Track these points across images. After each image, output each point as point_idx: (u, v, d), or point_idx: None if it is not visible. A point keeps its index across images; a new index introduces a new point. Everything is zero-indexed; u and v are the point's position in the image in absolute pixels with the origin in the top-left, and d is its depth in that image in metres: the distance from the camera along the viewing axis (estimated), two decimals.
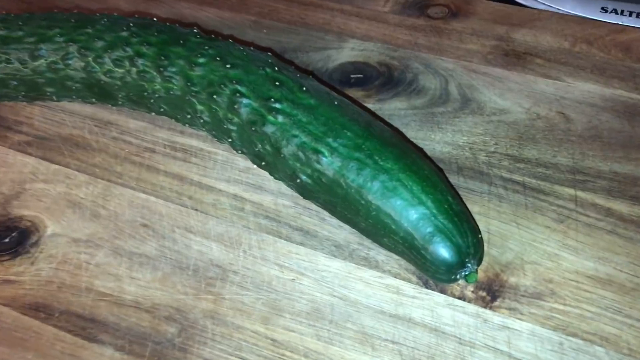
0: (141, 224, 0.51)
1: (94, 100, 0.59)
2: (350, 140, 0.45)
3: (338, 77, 0.63)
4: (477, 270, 0.43)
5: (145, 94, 0.54)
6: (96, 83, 0.56)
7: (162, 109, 0.55)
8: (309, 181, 0.47)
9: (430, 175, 0.44)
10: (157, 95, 0.54)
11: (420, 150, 0.55)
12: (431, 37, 0.67)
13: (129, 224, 0.52)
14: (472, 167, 0.54)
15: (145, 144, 0.57)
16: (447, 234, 0.42)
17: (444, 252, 0.42)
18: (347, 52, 0.66)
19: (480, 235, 0.44)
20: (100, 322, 0.46)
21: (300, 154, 0.46)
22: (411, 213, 0.42)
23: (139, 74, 0.54)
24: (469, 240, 0.43)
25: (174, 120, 0.56)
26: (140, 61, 0.53)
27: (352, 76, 0.63)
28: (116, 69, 0.54)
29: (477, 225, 0.46)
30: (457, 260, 0.42)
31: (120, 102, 0.57)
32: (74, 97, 0.59)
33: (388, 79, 0.62)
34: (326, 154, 0.45)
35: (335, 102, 0.48)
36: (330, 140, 0.45)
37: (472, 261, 0.43)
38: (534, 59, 0.64)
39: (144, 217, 0.52)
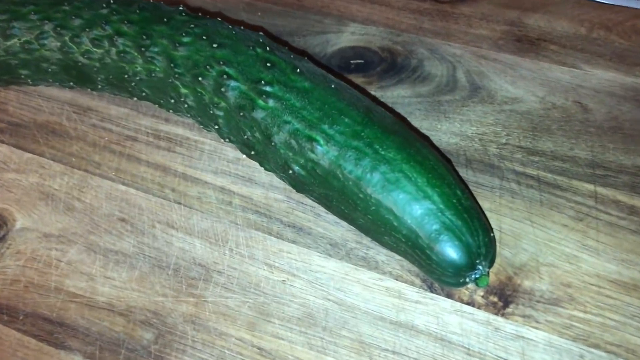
0: (119, 218, 0.47)
1: (72, 84, 0.54)
2: (348, 127, 0.41)
3: (337, 63, 0.58)
4: (488, 272, 0.39)
5: (126, 76, 0.50)
6: (73, 65, 0.51)
7: (144, 94, 0.50)
8: (302, 172, 0.42)
9: (436, 167, 0.40)
10: (138, 78, 0.49)
11: (426, 139, 0.51)
12: (437, 21, 0.63)
13: (106, 218, 0.47)
14: (482, 159, 0.49)
15: (126, 131, 0.53)
16: (456, 232, 0.37)
17: (451, 252, 0.37)
18: (347, 37, 0.61)
19: (492, 234, 0.39)
20: (69, 326, 0.41)
21: (293, 142, 0.41)
22: (415, 208, 0.38)
23: (119, 54, 0.49)
24: (480, 240, 0.38)
25: (157, 106, 0.52)
26: (120, 41, 0.49)
27: (352, 62, 0.58)
28: (95, 50, 0.50)
29: (489, 223, 0.41)
30: (466, 261, 0.37)
31: (99, 87, 0.53)
32: (50, 80, 0.54)
33: (391, 65, 0.58)
34: (321, 142, 0.40)
35: (332, 86, 0.43)
36: (325, 126, 0.41)
37: (483, 263, 0.38)
38: (548, 45, 0.59)
39: (122, 211, 0.47)
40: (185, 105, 0.48)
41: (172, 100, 0.49)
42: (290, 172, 0.43)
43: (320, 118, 0.41)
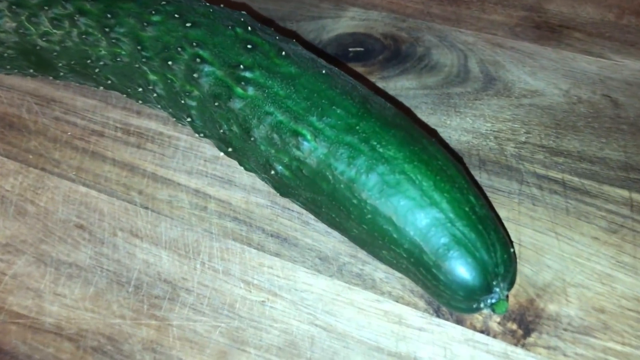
0: (76, 225, 0.40)
1: (32, 71, 0.48)
2: (340, 120, 0.34)
3: (333, 51, 0.52)
4: (507, 296, 0.32)
5: (89, 61, 0.43)
6: (32, 49, 0.45)
7: (109, 82, 0.44)
8: (286, 173, 0.35)
9: (445, 167, 0.33)
10: (102, 63, 0.43)
11: (433, 134, 0.44)
12: (447, 5, 0.56)
13: (61, 225, 0.41)
14: (498, 160, 0.43)
15: (92, 125, 0.46)
16: (468, 247, 0.31)
17: (463, 271, 0.31)
18: (346, 22, 0.54)
19: (512, 250, 0.32)
20: (8, 353, 0.35)
21: (275, 137, 0.35)
22: (419, 217, 0.31)
23: (81, 36, 0.43)
24: (497, 256, 0.31)
25: (126, 96, 0.45)
26: (82, 20, 0.42)
27: (350, 49, 0.52)
28: (54, 31, 0.43)
29: (508, 235, 0.35)
30: (481, 283, 0.31)
31: (62, 74, 0.46)
32: (8, 67, 0.48)
33: (394, 53, 0.51)
34: (308, 137, 0.34)
35: (323, 71, 0.37)
36: (313, 119, 0.34)
37: (501, 285, 0.31)
38: (571, 32, 0.53)
39: (80, 216, 0.41)
40: (154, 95, 0.41)
41: (140, 89, 0.42)
42: (273, 172, 0.36)
43: (307, 109, 0.35)
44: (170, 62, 0.39)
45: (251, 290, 0.37)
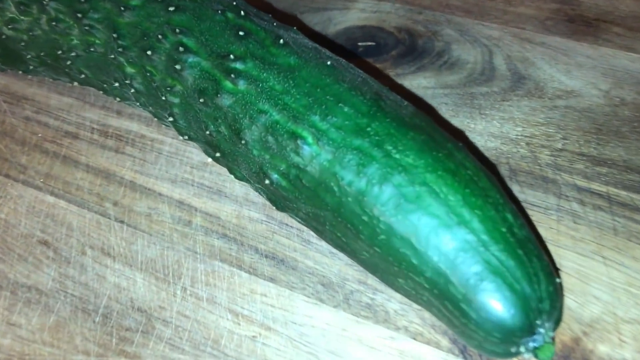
0: (39, 241, 0.35)
1: None
2: (348, 120, 0.28)
3: (341, 45, 0.46)
4: (553, 338, 0.26)
5: (60, 52, 0.38)
6: None
7: (83, 75, 0.38)
8: (283, 183, 0.30)
9: (476, 178, 0.27)
10: (74, 55, 0.37)
11: (459, 137, 0.38)
12: None
13: (23, 240, 0.35)
14: (532, 170, 0.37)
15: (66, 126, 0.41)
16: (506, 278, 0.25)
17: (500, 307, 0.25)
18: (355, 14, 0.49)
19: (558, 280, 0.26)
20: None
21: (271, 139, 0.29)
22: (445, 239, 0.26)
23: (51, 23, 0.37)
24: (542, 289, 0.25)
25: (103, 93, 0.39)
26: (52, 4, 0.37)
27: (360, 44, 0.46)
28: (21, 17, 0.38)
29: (553, 262, 0.28)
30: (522, 322, 0.25)
31: (32, 67, 0.41)
32: None
33: (409, 48, 0.45)
34: (309, 140, 0.28)
35: (328, 63, 0.31)
36: (316, 118, 0.28)
37: (545, 324, 0.25)
38: (609, 27, 0.47)
39: (45, 231, 0.35)
40: (132, 90, 0.35)
41: (117, 84, 0.36)
42: (267, 181, 0.30)
43: (308, 106, 0.29)
44: (149, 52, 0.33)
45: (240, 323, 0.31)
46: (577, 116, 0.40)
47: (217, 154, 0.33)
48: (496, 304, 0.25)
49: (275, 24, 0.34)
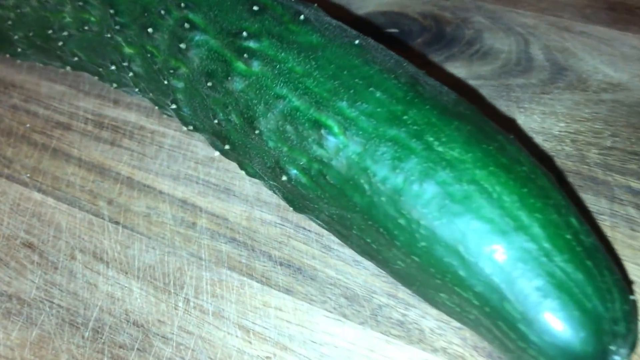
0: (23, 243, 0.31)
1: None
2: (381, 106, 0.24)
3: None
4: None
5: (51, 32, 0.34)
6: None
7: (76, 58, 0.34)
8: (303, 179, 0.26)
9: (533, 175, 0.23)
10: (66, 34, 0.33)
11: (509, 127, 0.33)
12: None
13: (4, 242, 0.31)
14: (579, 170, 0.33)
15: (57, 116, 0.37)
16: (574, 294, 0.21)
17: (567, 329, 0.21)
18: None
19: (632, 298, 0.22)
20: None
21: (290, 129, 0.25)
22: (500, 248, 0.21)
23: None
24: (616, 308, 0.21)
25: (98, 78, 0.35)
26: None
27: (384, 31, 0.42)
28: None
29: (626, 275, 0.24)
30: (594, 347, 0.21)
31: (20, 50, 0.37)
32: None
33: (436, 36, 0.41)
34: (335, 129, 0.24)
35: (356, 42, 0.27)
36: (343, 104, 0.24)
37: (621, 350, 0.21)
38: None
39: (30, 231, 0.31)
40: (131, 74, 0.31)
41: (113, 67, 0.32)
42: (284, 178, 0.26)
43: (334, 91, 0.25)
44: (150, 30, 0.29)
45: (251, 341, 0.27)
46: (626, 111, 0.36)
47: (226, 147, 0.29)
48: (562, 325, 0.21)
49: None
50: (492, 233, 0.22)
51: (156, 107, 0.34)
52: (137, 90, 0.33)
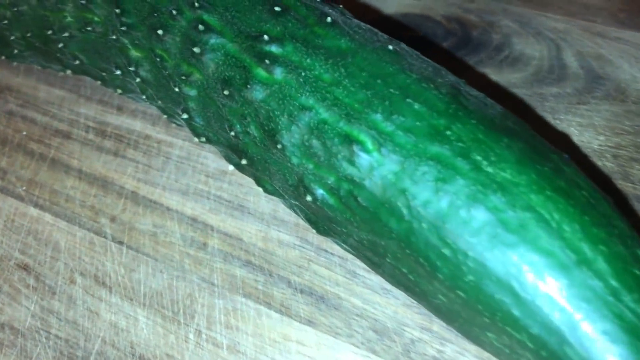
0: (18, 264, 0.28)
1: None
2: (421, 120, 0.22)
3: None
4: None
5: (50, 33, 0.31)
6: None
7: (77, 61, 0.32)
8: (331, 200, 0.23)
9: (594, 201, 0.21)
10: (67, 35, 0.30)
11: (562, 144, 0.31)
12: None
13: None
14: (624, 189, 0.30)
15: (56, 123, 0.34)
16: None
17: None
18: (396, 0, 0.42)
19: None
20: None
21: (316, 144, 0.22)
22: (560, 285, 0.19)
23: None
24: None
25: (100, 83, 0.33)
26: None
27: (407, 35, 0.39)
28: None
29: None
30: None
31: (17, 51, 0.34)
32: None
33: (462, 41, 0.39)
34: (369, 145, 0.22)
35: (389, 47, 0.24)
36: (377, 117, 0.22)
37: None
38: None
39: (25, 252, 0.28)
40: (137, 80, 0.29)
41: (119, 72, 0.30)
42: (309, 198, 0.23)
43: (367, 102, 0.22)
44: (160, 32, 0.27)
45: None
46: None
47: (243, 161, 0.26)
48: None
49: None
50: (551, 268, 0.19)
51: (164, 116, 0.31)
52: (144, 97, 0.30)
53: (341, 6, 0.28)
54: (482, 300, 0.20)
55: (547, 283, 0.19)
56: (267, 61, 0.24)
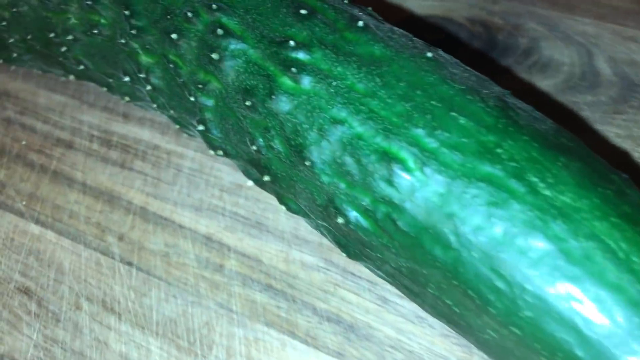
0: (18, 288, 0.26)
1: None
2: (467, 135, 0.20)
3: None
4: None
5: (53, 35, 0.29)
6: None
7: (82, 67, 0.29)
8: (366, 223, 0.21)
9: None
10: (71, 38, 0.28)
11: (620, 162, 0.29)
12: None
13: None
14: None
15: (58, 132, 0.32)
16: None
17: None
18: (417, 2, 0.40)
19: None
20: None
21: (349, 161, 0.20)
22: (631, 323, 0.17)
23: None
24: None
25: (106, 90, 0.30)
26: None
27: (433, 37, 0.37)
28: None
29: None
30: None
31: (15, 55, 0.32)
32: None
33: (488, 44, 0.37)
34: (410, 163, 0.19)
35: (428, 54, 0.22)
36: (419, 132, 0.20)
37: None
38: None
39: (26, 273, 0.26)
40: (148, 88, 0.26)
41: (127, 79, 0.27)
42: (341, 220, 0.21)
43: (406, 115, 0.20)
44: (174, 36, 0.24)
45: None
46: None
47: (266, 178, 0.24)
48: None
49: (345, 0, 0.25)
50: (620, 304, 0.17)
51: (175, 125, 0.29)
52: (154, 106, 0.28)
53: (370, 8, 0.26)
54: (541, 338, 0.18)
55: (615, 321, 0.17)
56: (293, 69, 0.22)
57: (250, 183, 0.26)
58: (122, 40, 0.26)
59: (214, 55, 0.23)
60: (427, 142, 0.20)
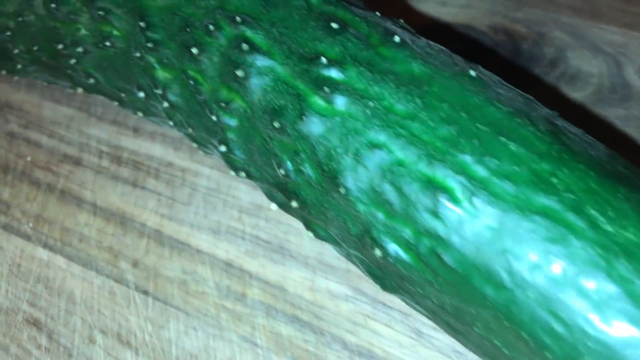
0: (27, 319, 0.24)
1: None
2: (519, 163, 0.18)
3: None
4: None
5: (61, 47, 0.27)
6: None
7: (91, 80, 0.28)
8: (407, 257, 0.19)
9: None
10: (81, 51, 0.27)
11: None
12: None
13: (3, 318, 0.24)
14: None
15: (65, 147, 0.30)
16: None
17: None
18: (435, 8, 0.38)
19: None
20: None
21: (389, 189, 0.19)
22: None
23: (49, 5, 0.26)
24: None
25: (118, 104, 0.29)
26: None
27: (456, 47, 0.35)
28: None
29: None
30: None
31: (20, 66, 0.30)
32: None
33: (512, 54, 0.35)
34: (457, 193, 0.18)
35: (471, 73, 0.21)
36: (466, 159, 0.18)
37: None
38: None
39: (35, 303, 0.25)
40: (165, 105, 0.25)
41: (142, 94, 0.26)
42: (378, 252, 0.20)
43: (452, 140, 0.19)
44: (195, 51, 0.23)
45: None
46: None
47: (294, 203, 0.22)
48: None
49: (377, 13, 0.24)
50: None
51: (190, 142, 0.27)
52: (171, 123, 0.26)
53: (402, 20, 0.24)
54: None
55: None
56: (326, 88, 0.21)
57: (274, 206, 0.25)
58: (137, 54, 0.25)
59: (239, 72, 0.22)
60: (476, 170, 0.18)
